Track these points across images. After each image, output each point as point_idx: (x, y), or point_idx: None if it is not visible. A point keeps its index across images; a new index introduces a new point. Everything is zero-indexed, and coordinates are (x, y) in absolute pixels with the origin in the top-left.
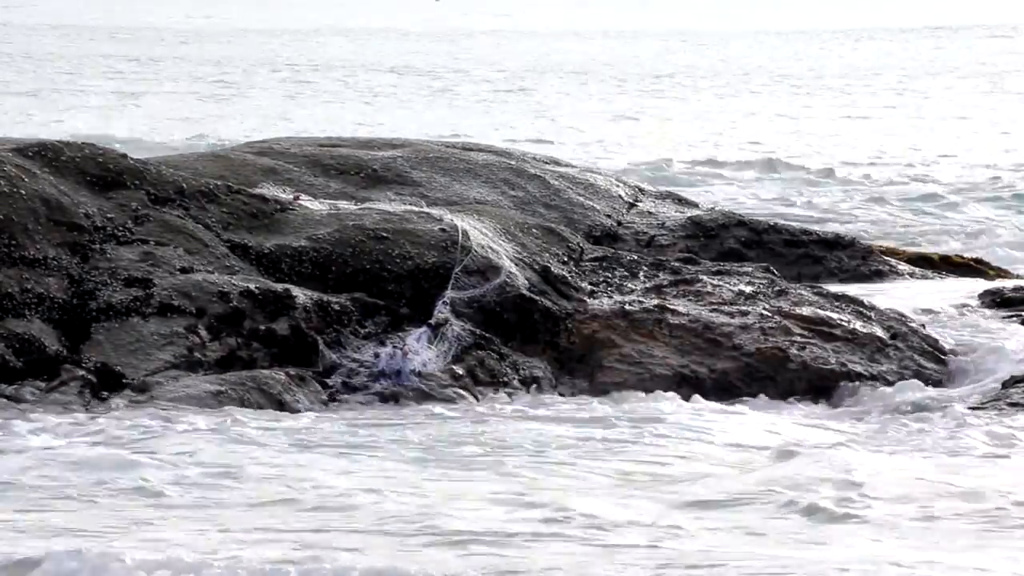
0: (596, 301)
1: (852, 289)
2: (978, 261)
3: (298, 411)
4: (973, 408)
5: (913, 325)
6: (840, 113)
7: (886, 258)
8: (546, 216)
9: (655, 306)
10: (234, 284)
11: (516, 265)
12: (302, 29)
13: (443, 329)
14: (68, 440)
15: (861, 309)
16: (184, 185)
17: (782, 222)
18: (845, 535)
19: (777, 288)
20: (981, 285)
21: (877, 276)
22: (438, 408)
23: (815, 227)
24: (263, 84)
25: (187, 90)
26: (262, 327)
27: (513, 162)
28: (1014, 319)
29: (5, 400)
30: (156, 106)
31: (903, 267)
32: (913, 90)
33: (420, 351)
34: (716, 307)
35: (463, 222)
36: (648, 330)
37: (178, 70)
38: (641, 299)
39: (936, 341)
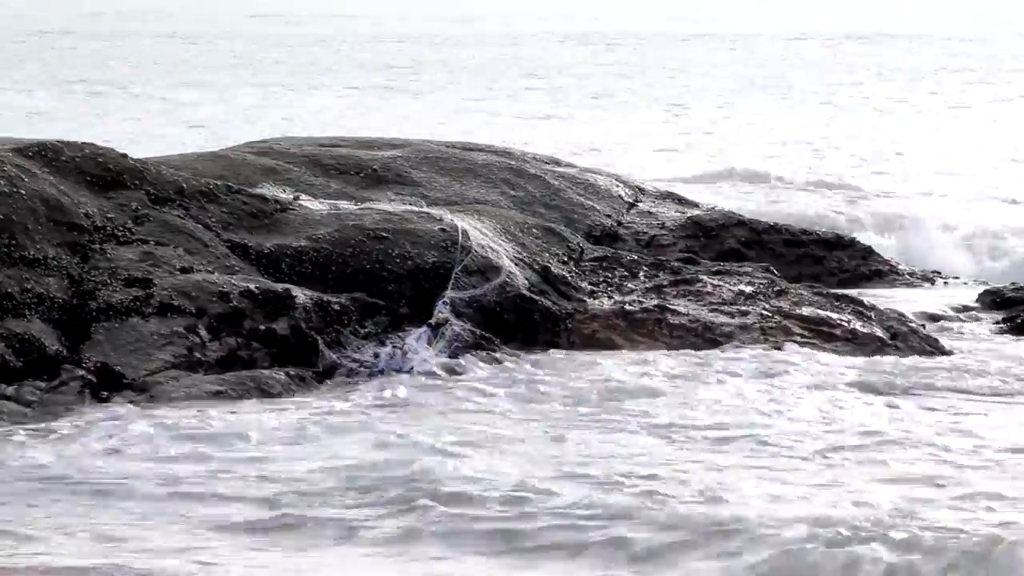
0: (596, 301)
1: (852, 289)
2: None
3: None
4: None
5: (913, 325)
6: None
7: (886, 258)
8: (546, 216)
9: (655, 306)
10: (234, 284)
11: (516, 265)
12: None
13: (443, 329)
14: None
15: (861, 309)
16: (184, 185)
17: (782, 222)
18: None
19: (777, 288)
20: (981, 285)
21: (877, 276)
22: None
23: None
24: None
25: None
26: (262, 327)
27: (513, 162)
28: (1014, 320)
29: (6, 400)
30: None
31: (903, 267)
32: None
33: (420, 351)
34: (716, 307)
35: (463, 222)
36: (648, 330)
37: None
38: (641, 299)
39: (936, 341)
